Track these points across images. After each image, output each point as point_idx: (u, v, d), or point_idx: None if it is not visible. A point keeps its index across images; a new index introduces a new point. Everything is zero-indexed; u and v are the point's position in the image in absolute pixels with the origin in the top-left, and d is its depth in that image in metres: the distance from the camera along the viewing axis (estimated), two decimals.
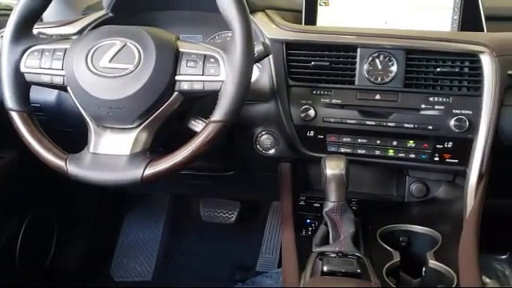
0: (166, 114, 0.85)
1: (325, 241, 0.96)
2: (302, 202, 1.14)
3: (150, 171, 0.82)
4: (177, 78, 0.83)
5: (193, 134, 0.85)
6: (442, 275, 0.90)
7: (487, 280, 1.74)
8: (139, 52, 0.83)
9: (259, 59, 0.88)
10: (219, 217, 1.86)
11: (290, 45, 1.02)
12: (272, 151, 1.10)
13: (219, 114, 0.81)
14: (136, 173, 0.82)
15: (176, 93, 0.84)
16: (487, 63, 0.95)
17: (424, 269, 0.94)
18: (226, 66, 0.81)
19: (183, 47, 0.85)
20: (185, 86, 0.83)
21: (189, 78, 0.83)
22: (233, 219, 1.85)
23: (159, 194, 1.95)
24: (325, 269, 0.81)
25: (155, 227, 1.92)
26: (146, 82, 0.82)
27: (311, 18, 1.11)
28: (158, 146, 0.89)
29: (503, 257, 1.79)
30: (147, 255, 1.86)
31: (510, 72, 0.95)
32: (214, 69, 0.82)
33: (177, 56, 0.84)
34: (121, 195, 1.93)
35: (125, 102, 0.83)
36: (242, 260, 1.80)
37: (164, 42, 0.85)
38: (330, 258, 0.85)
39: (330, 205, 0.94)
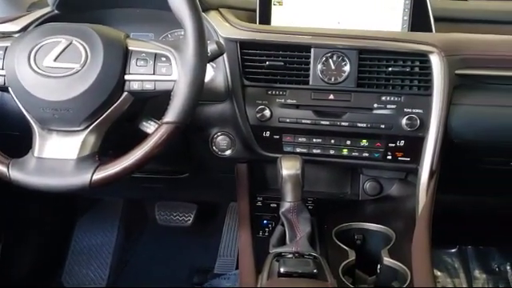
0: (116, 115, 0.82)
1: (282, 241, 0.96)
2: (259, 203, 1.13)
3: (98, 176, 0.79)
4: (126, 77, 0.81)
5: (145, 136, 0.82)
6: (396, 272, 0.91)
7: (438, 273, 1.80)
8: (86, 50, 0.80)
9: (213, 58, 0.86)
10: (175, 220, 1.82)
11: (244, 44, 1.01)
12: (228, 152, 1.08)
13: (172, 114, 0.79)
14: (84, 178, 0.79)
15: (126, 93, 0.82)
16: (436, 63, 0.97)
17: (379, 266, 0.95)
18: (178, 65, 0.79)
19: (133, 45, 0.83)
20: (135, 86, 0.81)
21: (139, 78, 0.81)
22: (189, 222, 1.81)
23: (112, 198, 1.89)
24: (281, 270, 0.81)
25: (109, 232, 1.86)
26: (93, 82, 0.79)
27: (265, 18, 1.11)
28: (107, 149, 0.87)
29: (453, 250, 1.86)
30: (101, 261, 1.80)
31: (457, 71, 0.99)
32: (165, 68, 0.80)
33: (126, 55, 0.81)
34: (72, 200, 1.86)
35: (71, 103, 0.79)
36: (200, 263, 1.77)
37: (112, 40, 0.82)
38: (287, 259, 0.85)
39: (286, 205, 0.94)
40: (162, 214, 1.83)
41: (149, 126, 0.86)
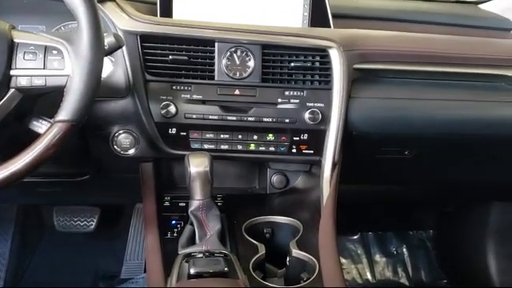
0: (2, 114, 0.76)
1: (191, 241, 0.94)
2: (167, 203, 1.10)
3: None
4: (12, 72, 0.75)
5: (36, 137, 0.75)
6: (304, 263, 0.94)
7: (343, 260, 1.90)
8: None
9: (111, 51, 0.82)
10: (76, 225, 1.72)
11: (144, 37, 0.97)
12: (131, 151, 1.04)
13: (65, 112, 0.74)
14: None
15: (12, 90, 0.75)
16: (335, 58, 1.01)
17: (288, 258, 0.96)
18: (71, 59, 0.75)
19: (19, 37, 0.76)
20: (23, 82, 0.75)
21: (27, 73, 0.75)
22: (92, 227, 1.72)
23: (4, 204, 1.73)
24: (191, 271, 0.79)
25: (1, 243, 1.71)
26: None
27: (166, 10, 1.07)
28: None
29: (355, 237, 1.97)
30: None
31: (355, 66, 1.03)
32: (57, 62, 0.75)
33: (11, 48, 0.75)
34: None
35: None
36: (106, 268, 1.70)
37: None
38: (197, 260, 0.83)
39: (195, 203, 0.92)
40: (62, 219, 1.72)
41: (40, 126, 0.80)
